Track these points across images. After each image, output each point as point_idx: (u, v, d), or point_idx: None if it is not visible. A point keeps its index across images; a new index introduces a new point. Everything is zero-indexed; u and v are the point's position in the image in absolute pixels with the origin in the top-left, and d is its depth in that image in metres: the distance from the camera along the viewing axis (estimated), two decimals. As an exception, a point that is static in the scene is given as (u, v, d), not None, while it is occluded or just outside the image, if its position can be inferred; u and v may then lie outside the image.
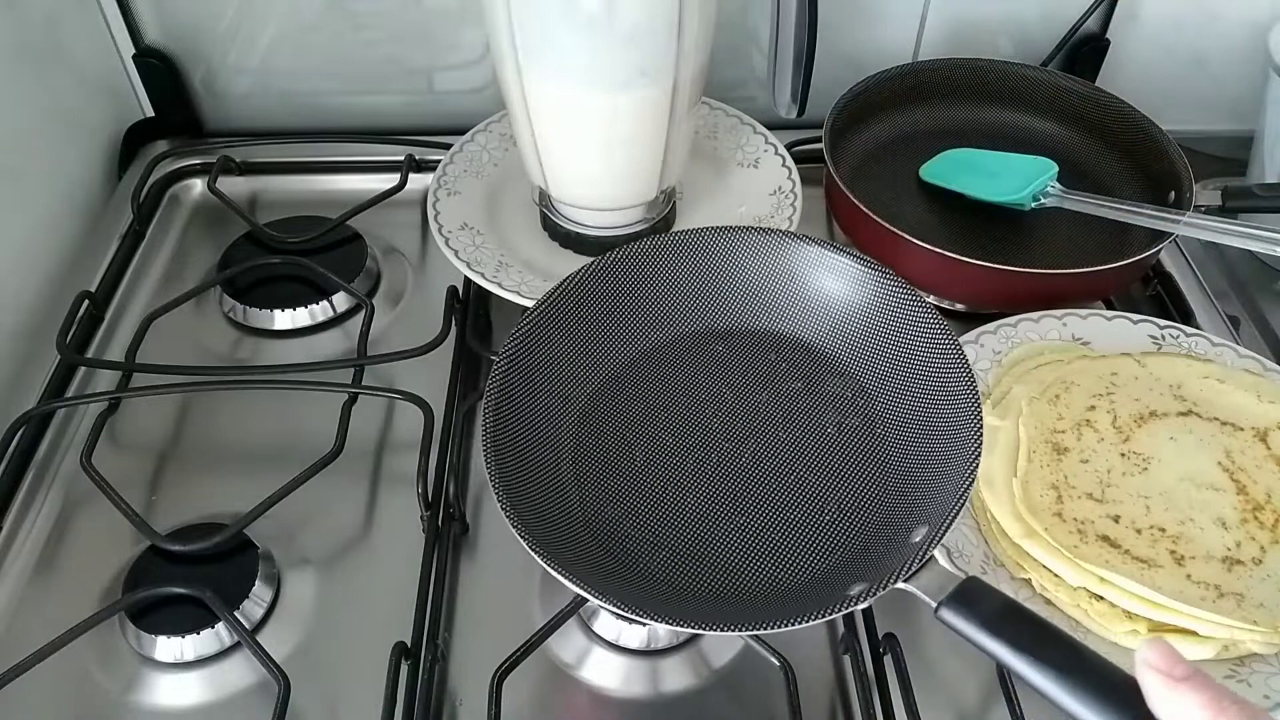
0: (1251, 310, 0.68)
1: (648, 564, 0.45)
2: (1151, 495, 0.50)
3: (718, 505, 0.47)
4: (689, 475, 0.48)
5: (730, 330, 0.53)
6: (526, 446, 0.47)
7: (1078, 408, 0.53)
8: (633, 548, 0.46)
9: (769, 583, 0.44)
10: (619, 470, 0.48)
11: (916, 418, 0.47)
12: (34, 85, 0.68)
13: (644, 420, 0.50)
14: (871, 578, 0.40)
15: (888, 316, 0.49)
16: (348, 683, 0.49)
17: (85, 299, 0.64)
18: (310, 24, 0.75)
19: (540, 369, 0.49)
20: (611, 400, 0.51)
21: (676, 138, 0.59)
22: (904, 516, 0.44)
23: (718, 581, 0.45)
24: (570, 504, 0.47)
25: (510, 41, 0.54)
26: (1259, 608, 0.45)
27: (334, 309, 0.66)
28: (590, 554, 0.45)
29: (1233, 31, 0.78)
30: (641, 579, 0.44)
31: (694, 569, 0.45)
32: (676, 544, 0.46)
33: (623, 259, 0.52)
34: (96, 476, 0.53)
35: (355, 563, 0.54)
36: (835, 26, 0.61)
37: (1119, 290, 0.67)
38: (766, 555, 0.45)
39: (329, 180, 0.77)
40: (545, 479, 0.47)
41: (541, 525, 0.44)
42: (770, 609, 0.43)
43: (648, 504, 0.47)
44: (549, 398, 0.49)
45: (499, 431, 0.46)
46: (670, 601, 0.43)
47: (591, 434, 0.50)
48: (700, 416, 0.50)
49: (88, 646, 0.49)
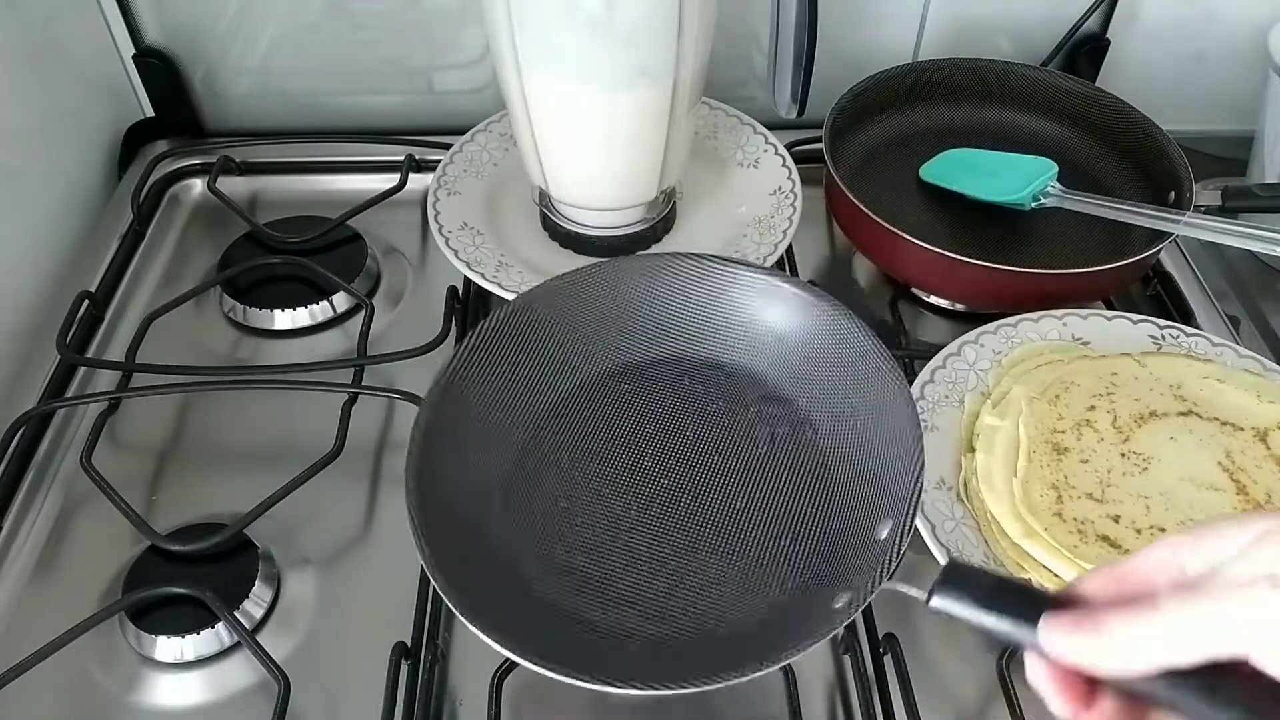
0: (1251, 310, 0.68)
1: (615, 623, 0.42)
2: (1151, 495, 0.50)
3: (671, 548, 0.45)
4: (634, 525, 0.46)
5: (647, 361, 0.51)
6: (456, 508, 0.44)
7: (1078, 408, 0.53)
8: (593, 612, 0.43)
9: (748, 616, 0.42)
10: (560, 537, 0.46)
11: (846, 412, 0.46)
12: (34, 85, 0.68)
13: (576, 472, 0.47)
14: (852, 584, 0.39)
15: (795, 318, 0.48)
16: (348, 683, 0.49)
17: (85, 299, 0.64)
18: (310, 24, 0.75)
19: (461, 427, 0.46)
20: (540, 451, 0.48)
21: (676, 138, 0.59)
22: (864, 515, 0.43)
23: (692, 625, 0.42)
24: (512, 577, 0.44)
25: (510, 41, 0.54)
26: (1259, 608, 0.45)
27: (334, 309, 0.66)
28: (548, 627, 0.42)
29: (1233, 31, 0.78)
30: (611, 641, 0.42)
31: (664, 618, 0.43)
32: (640, 598, 0.43)
33: (546, 293, 0.50)
34: (96, 476, 0.53)
35: (355, 563, 0.54)
36: (835, 26, 0.61)
37: (1119, 290, 0.67)
38: (737, 587, 0.43)
39: (329, 180, 0.77)
40: (476, 542, 0.44)
41: (480, 592, 0.41)
42: (757, 644, 0.40)
43: (598, 565, 0.44)
44: (477, 456, 0.47)
45: (425, 497, 0.43)
46: (646, 659, 0.41)
47: (523, 496, 0.47)
48: (635, 458, 0.48)
49: (88, 646, 0.49)
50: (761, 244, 0.63)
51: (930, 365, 0.56)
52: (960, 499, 0.51)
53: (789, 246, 0.65)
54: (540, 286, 0.51)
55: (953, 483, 0.52)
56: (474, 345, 0.48)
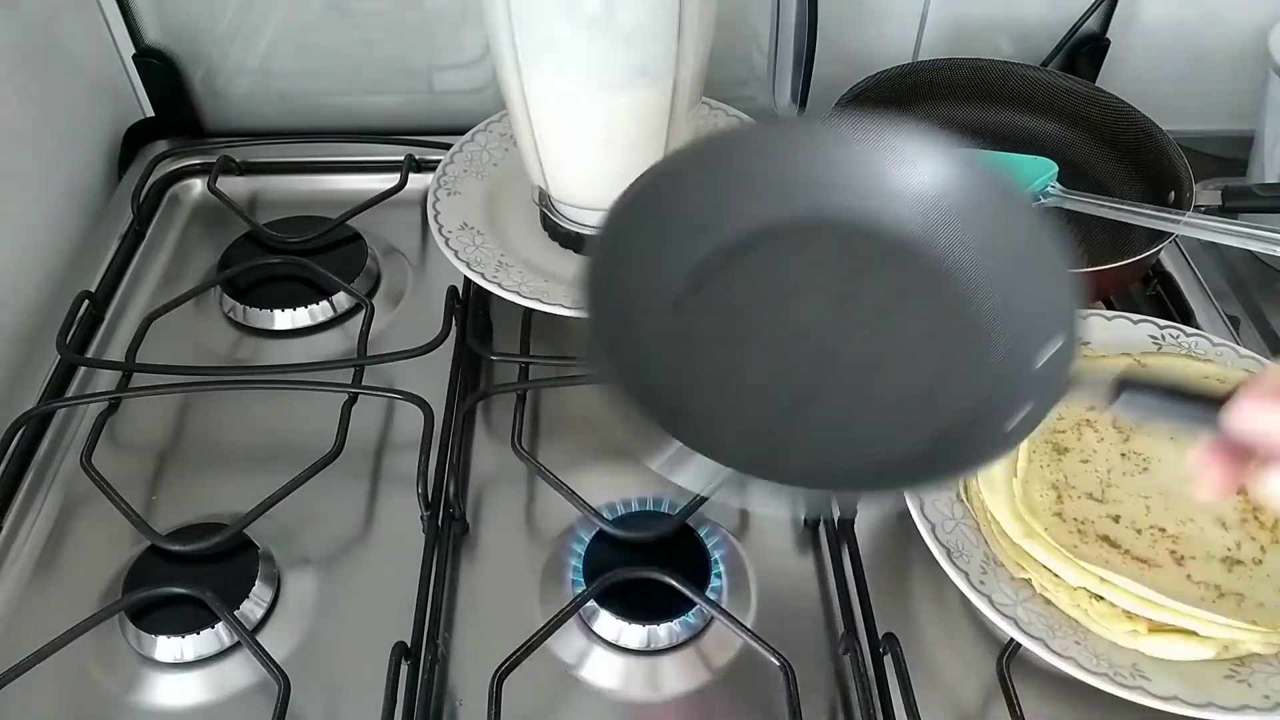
0: (1251, 310, 0.68)
1: (780, 453, 0.42)
2: (1151, 495, 0.50)
3: (833, 382, 0.45)
4: (798, 362, 0.46)
5: (806, 217, 0.50)
6: (625, 322, 0.45)
7: (1078, 407, 0.53)
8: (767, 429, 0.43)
9: (913, 447, 0.42)
10: (722, 365, 0.46)
11: (996, 250, 0.46)
12: (34, 85, 0.68)
13: (741, 307, 0.47)
14: (1021, 407, 0.40)
15: (942, 171, 0.48)
16: (348, 683, 0.49)
17: (85, 299, 0.64)
18: (310, 24, 0.75)
19: (641, 238, 0.46)
20: (705, 290, 0.48)
21: (676, 138, 0.59)
22: (1026, 341, 0.43)
23: (853, 454, 0.42)
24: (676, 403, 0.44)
25: (510, 41, 0.54)
26: (1259, 608, 0.45)
27: (334, 309, 0.66)
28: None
29: (1233, 32, 0.78)
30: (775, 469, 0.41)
31: (829, 450, 0.43)
32: (805, 429, 0.43)
33: (722, 143, 0.50)
34: (96, 476, 0.53)
35: (355, 563, 0.54)
36: (835, 26, 0.61)
37: (1119, 290, 0.67)
38: (899, 420, 0.43)
39: (329, 180, 0.77)
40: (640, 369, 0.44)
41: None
42: (926, 470, 0.41)
43: (761, 401, 0.44)
44: (648, 274, 0.47)
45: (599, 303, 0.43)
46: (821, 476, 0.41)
47: (689, 325, 0.46)
48: (800, 301, 0.48)
49: (88, 646, 0.49)
50: (761, 244, 0.63)
51: (930, 365, 0.56)
52: (960, 499, 0.51)
53: (789, 246, 0.64)
54: (720, 136, 0.52)
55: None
56: (663, 170, 0.48)
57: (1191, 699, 0.44)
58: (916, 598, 0.52)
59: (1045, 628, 0.46)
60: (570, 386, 0.61)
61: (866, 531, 0.54)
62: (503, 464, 0.57)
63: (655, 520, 0.53)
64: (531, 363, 0.61)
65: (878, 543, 0.54)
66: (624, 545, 0.52)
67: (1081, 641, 0.46)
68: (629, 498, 0.56)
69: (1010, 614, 0.46)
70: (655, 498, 0.56)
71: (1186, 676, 0.45)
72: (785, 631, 0.49)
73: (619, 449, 0.59)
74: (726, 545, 0.54)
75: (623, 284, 0.45)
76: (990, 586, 0.47)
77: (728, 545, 0.54)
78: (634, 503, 0.55)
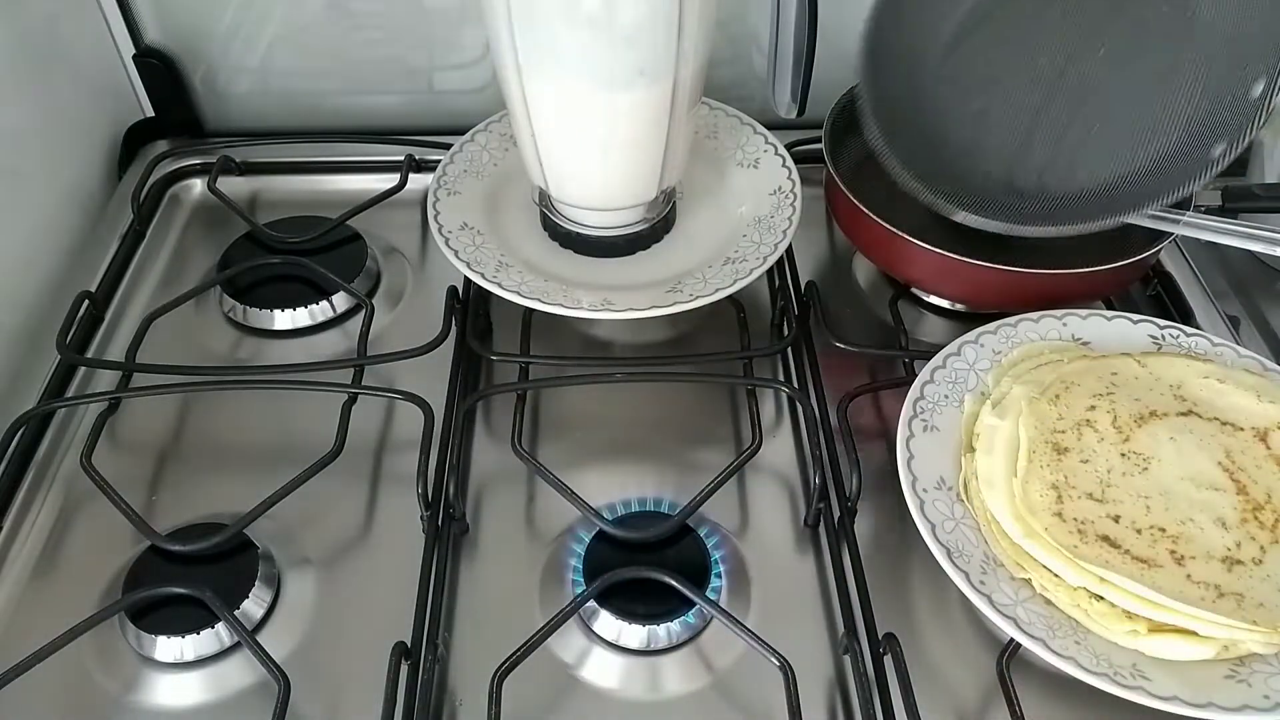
0: (1251, 310, 0.68)
1: (1012, 174, 0.50)
2: (1151, 495, 0.50)
3: (1068, 109, 0.52)
4: (1039, 89, 0.52)
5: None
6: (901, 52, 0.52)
7: (1078, 408, 0.53)
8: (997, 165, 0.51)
9: (1135, 165, 0.50)
10: (980, 102, 0.53)
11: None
12: (34, 85, 0.68)
13: (1001, 46, 0.54)
14: (1225, 136, 0.46)
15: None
16: (348, 683, 0.49)
17: (85, 299, 0.64)
18: (310, 24, 0.75)
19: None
20: (974, 34, 0.55)
21: (676, 138, 0.60)
22: (1238, 78, 0.49)
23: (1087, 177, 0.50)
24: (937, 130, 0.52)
25: (510, 41, 0.54)
26: (1259, 608, 0.45)
27: (334, 309, 0.66)
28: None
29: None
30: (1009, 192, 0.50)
31: (1062, 177, 0.50)
32: (1040, 156, 0.51)
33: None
34: (96, 476, 0.53)
35: (355, 563, 0.54)
36: (835, 26, 0.61)
37: (1119, 290, 0.67)
38: (1128, 140, 0.50)
39: (329, 180, 0.77)
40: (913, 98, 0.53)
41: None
42: (1146, 186, 0.49)
43: (1008, 123, 0.52)
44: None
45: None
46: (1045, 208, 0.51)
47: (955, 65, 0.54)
48: (1047, 49, 0.54)
49: (88, 646, 0.49)
50: (761, 244, 0.63)
51: (930, 365, 0.56)
52: (960, 499, 0.51)
53: (789, 246, 0.65)
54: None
55: (953, 483, 0.52)
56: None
57: (1191, 699, 0.44)
58: (916, 598, 0.52)
59: (1045, 628, 0.46)
60: (570, 386, 0.61)
61: (866, 531, 0.55)
62: (503, 464, 0.57)
63: (655, 520, 0.53)
64: (531, 363, 0.61)
65: (878, 543, 0.54)
66: (624, 545, 0.52)
67: (1081, 641, 0.46)
68: (629, 498, 0.56)
69: (1010, 614, 0.46)
70: (655, 498, 0.56)
71: (1186, 676, 0.45)
72: (785, 631, 0.49)
73: (619, 449, 0.59)
74: (726, 545, 0.54)
75: (898, 39, 0.52)
76: (990, 586, 0.47)
77: (728, 545, 0.54)
78: (634, 503, 0.55)
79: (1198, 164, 0.49)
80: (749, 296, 0.65)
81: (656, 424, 0.60)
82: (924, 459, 0.52)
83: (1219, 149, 0.48)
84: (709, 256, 0.64)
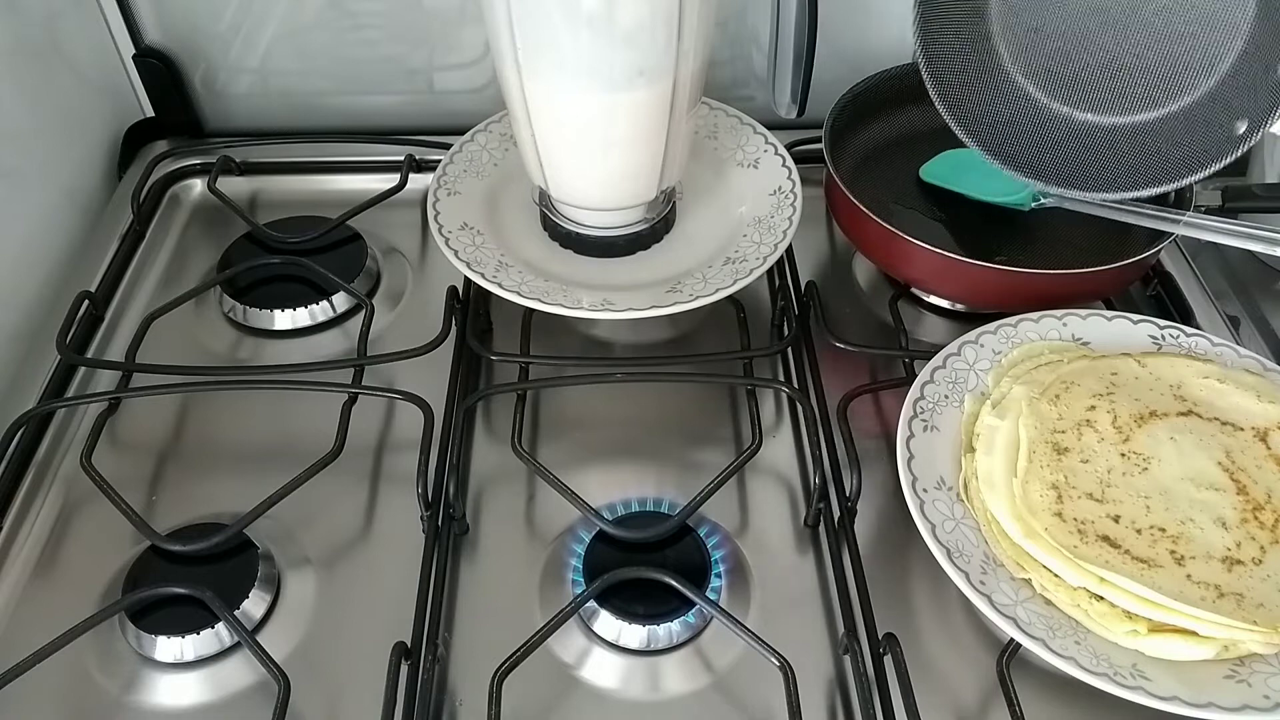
0: (1251, 310, 0.68)
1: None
2: (1151, 495, 0.50)
3: (1115, 74, 0.56)
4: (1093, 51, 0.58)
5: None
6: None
7: (1078, 408, 0.53)
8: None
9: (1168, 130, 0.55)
10: (1038, 56, 0.59)
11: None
12: (34, 85, 0.68)
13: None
14: (1250, 116, 0.50)
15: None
16: (348, 683, 0.49)
17: (85, 299, 0.64)
18: (310, 24, 0.75)
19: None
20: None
21: (676, 138, 0.60)
22: (1266, 57, 0.53)
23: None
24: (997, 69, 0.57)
25: (510, 41, 0.54)
26: (1259, 608, 0.45)
27: (334, 309, 0.66)
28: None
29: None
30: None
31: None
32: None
33: None
34: (96, 476, 0.53)
35: (355, 563, 0.54)
36: (835, 26, 0.61)
37: (1119, 290, 0.67)
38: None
39: (329, 180, 0.77)
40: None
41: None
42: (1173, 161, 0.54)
43: (1060, 78, 0.59)
44: None
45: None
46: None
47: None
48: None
49: (88, 646, 0.49)
50: (761, 244, 0.63)
51: (930, 365, 0.56)
52: (960, 499, 0.51)
53: (789, 246, 0.65)
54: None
55: (953, 483, 0.52)
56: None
57: (1191, 699, 0.44)
58: (916, 598, 0.52)
59: (1045, 628, 0.46)
60: (570, 386, 0.61)
61: (866, 531, 0.55)
62: (503, 464, 0.57)
63: (655, 520, 0.53)
64: (531, 363, 0.61)
65: (878, 543, 0.54)
66: (624, 545, 0.52)
67: (1081, 641, 0.46)
68: (629, 498, 0.56)
69: (1010, 614, 0.46)
70: (655, 498, 0.56)
71: (1186, 676, 0.45)
72: (785, 631, 0.49)
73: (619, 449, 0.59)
74: (726, 545, 0.54)
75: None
76: (990, 586, 0.47)
77: (728, 545, 0.54)
78: (634, 503, 0.55)
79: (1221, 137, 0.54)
80: (749, 296, 0.65)
81: (656, 424, 0.60)
82: (924, 459, 0.52)
83: (1243, 124, 0.53)
84: (709, 256, 0.64)
